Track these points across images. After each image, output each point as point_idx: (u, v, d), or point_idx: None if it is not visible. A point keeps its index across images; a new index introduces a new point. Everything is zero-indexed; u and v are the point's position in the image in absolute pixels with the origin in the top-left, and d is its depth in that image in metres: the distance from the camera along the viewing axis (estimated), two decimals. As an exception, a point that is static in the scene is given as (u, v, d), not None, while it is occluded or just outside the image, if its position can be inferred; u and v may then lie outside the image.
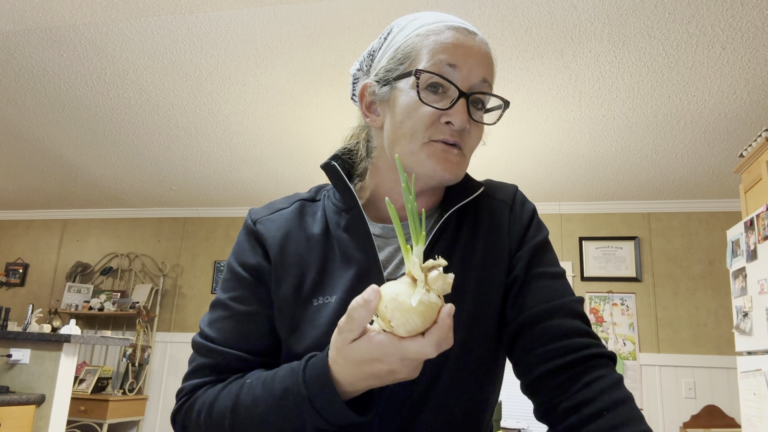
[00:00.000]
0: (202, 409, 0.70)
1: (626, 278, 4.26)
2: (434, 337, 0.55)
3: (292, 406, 0.63)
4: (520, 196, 0.84)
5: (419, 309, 0.54)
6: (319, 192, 0.86)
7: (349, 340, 0.58)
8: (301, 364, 0.65)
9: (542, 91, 2.83)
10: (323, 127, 3.35)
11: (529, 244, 0.78)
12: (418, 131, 0.72)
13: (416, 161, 0.73)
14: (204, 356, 0.75)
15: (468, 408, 0.75)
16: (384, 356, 0.57)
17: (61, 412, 2.67)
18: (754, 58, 2.47)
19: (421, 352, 0.55)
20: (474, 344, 0.74)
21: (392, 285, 0.57)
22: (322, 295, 0.74)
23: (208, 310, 0.79)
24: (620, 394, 0.65)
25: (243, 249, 0.80)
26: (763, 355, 2.45)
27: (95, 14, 2.38)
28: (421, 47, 0.73)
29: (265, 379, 0.68)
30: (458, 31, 0.74)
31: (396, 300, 0.55)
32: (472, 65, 0.73)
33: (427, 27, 0.74)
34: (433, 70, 0.71)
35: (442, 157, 0.72)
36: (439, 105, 0.72)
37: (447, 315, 0.55)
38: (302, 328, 0.73)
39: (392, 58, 0.76)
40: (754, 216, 2.55)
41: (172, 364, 4.78)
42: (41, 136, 3.71)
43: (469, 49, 0.73)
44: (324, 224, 0.80)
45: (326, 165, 0.80)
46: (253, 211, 0.83)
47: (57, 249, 5.36)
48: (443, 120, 0.72)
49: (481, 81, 0.74)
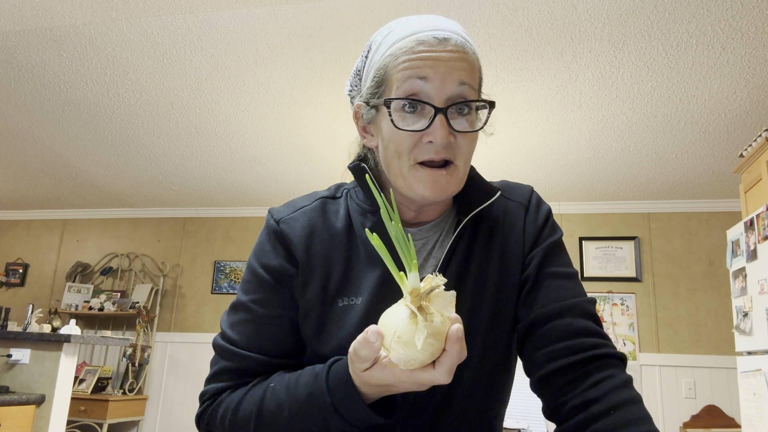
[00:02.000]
0: (226, 414, 0.71)
1: (626, 278, 4.26)
2: (445, 367, 0.55)
3: (317, 411, 0.64)
4: (536, 197, 0.84)
5: (425, 347, 0.54)
6: (339, 189, 0.85)
7: (361, 369, 0.59)
8: (324, 370, 0.66)
9: (542, 91, 2.83)
10: (323, 127, 3.35)
11: (542, 243, 0.79)
12: (403, 154, 0.72)
13: (406, 185, 0.73)
14: (226, 360, 0.75)
15: (486, 407, 0.77)
16: (398, 384, 0.58)
17: (61, 412, 2.66)
18: (754, 58, 2.47)
19: (434, 381, 0.56)
20: (493, 347, 0.75)
21: (393, 317, 0.56)
22: (347, 296, 0.74)
23: (229, 311, 0.79)
24: (628, 393, 0.65)
25: (265, 250, 0.79)
26: (763, 355, 2.44)
27: (95, 14, 2.38)
28: (393, 68, 0.72)
29: (288, 384, 0.68)
30: (427, 44, 0.71)
31: (399, 341, 0.54)
32: (444, 74, 0.70)
33: (397, 45, 0.72)
34: (405, 89, 0.70)
35: (430, 181, 0.71)
36: (417, 126, 0.70)
37: (455, 341, 0.55)
38: (328, 329, 0.74)
39: (372, 80, 0.75)
40: (754, 216, 2.55)
41: (172, 364, 4.78)
42: (41, 136, 3.71)
43: (437, 59, 0.70)
44: (347, 223, 0.79)
45: (355, 166, 0.79)
46: (275, 210, 0.82)
47: (57, 249, 5.35)
48: (425, 139, 0.71)
49: (458, 85, 0.71)
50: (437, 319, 0.54)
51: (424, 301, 0.55)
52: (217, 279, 4.91)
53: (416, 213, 0.80)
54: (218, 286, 4.90)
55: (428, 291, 0.55)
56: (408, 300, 0.55)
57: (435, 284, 0.55)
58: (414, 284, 0.55)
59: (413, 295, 0.54)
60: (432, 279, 0.55)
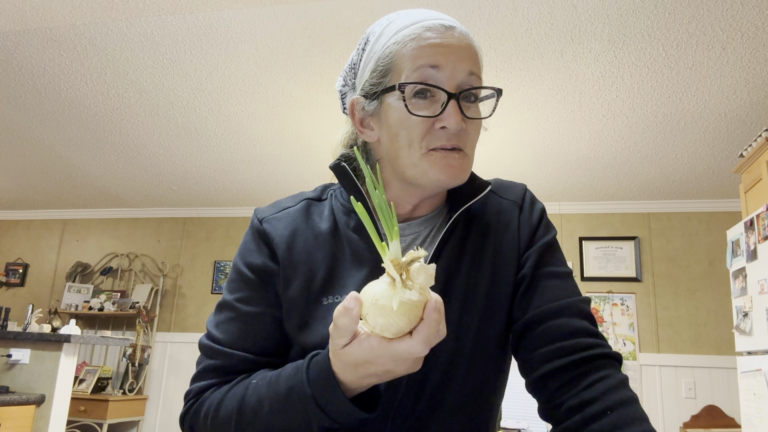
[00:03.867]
0: (209, 411, 0.71)
1: (626, 278, 4.26)
2: (422, 335, 0.54)
3: (297, 404, 0.63)
4: (530, 196, 0.83)
5: (401, 310, 0.53)
6: (325, 191, 0.85)
7: (340, 345, 0.59)
8: (304, 363, 0.65)
9: (542, 91, 2.83)
10: (323, 127, 3.35)
11: (537, 243, 0.79)
12: (414, 142, 0.71)
13: (419, 172, 0.72)
14: (211, 358, 0.75)
15: (478, 407, 0.76)
16: (375, 358, 0.57)
17: (61, 412, 2.67)
18: (754, 58, 2.47)
19: (410, 351, 0.55)
20: (485, 344, 0.74)
21: (373, 286, 0.56)
22: (332, 294, 0.74)
23: (214, 311, 0.79)
24: (625, 394, 0.65)
25: (249, 249, 0.80)
26: (763, 355, 2.45)
27: (95, 14, 2.38)
28: (401, 55, 0.71)
29: (270, 379, 0.68)
30: (435, 30, 0.71)
31: (376, 305, 0.54)
32: (455, 62, 0.70)
33: (403, 32, 0.72)
34: (417, 77, 0.70)
35: (445, 165, 0.71)
36: (430, 112, 0.70)
37: (433, 310, 0.54)
38: (312, 326, 0.73)
39: (374, 70, 0.74)
40: (754, 216, 2.55)
41: (172, 364, 4.78)
42: (41, 136, 3.71)
43: (448, 46, 0.71)
44: (332, 223, 0.79)
45: (336, 166, 0.79)
46: (259, 210, 0.83)
47: (57, 249, 5.36)
48: (438, 126, 0.71)
49: (467, 75, 0.71)
50: (417, 288, 0.54)
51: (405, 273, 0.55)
52: (217, 279, 4.91)
53: (413, 208, 0.79)
54: (218, 286, 4.90)
55: (409, 261, 0.55)
56: (388, 266, 0.55)
57: (416, 256, 0.55)
58: (395, 253, 0.55)
59: (394, 263, 0.54)
60: (414, 252, 0.55)
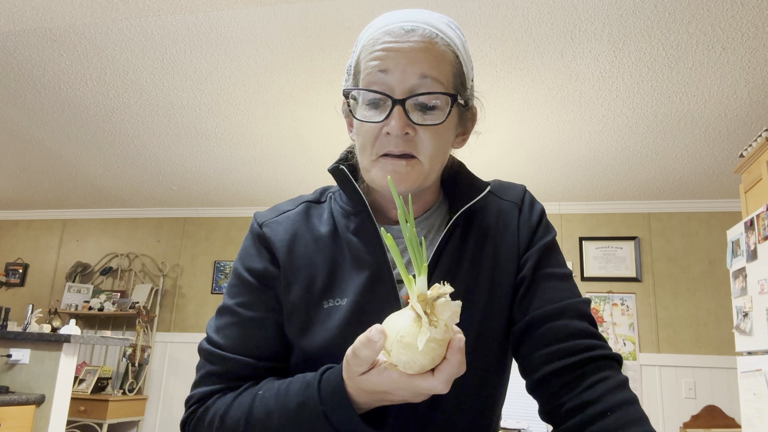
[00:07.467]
0: (214, 420, 0.70)
1: (626, 278, 4.26)
2: (444, 375, 0.55)
3: (307, 420, 0.63)
4: (529, 197, 0.83)
5: (426, 350, 0.53)
6: (323, 194, 0.86)
7: (358, 373, 0.58)
8: (315, 378, 0.65)
9: (542, 91, 2.83)
10: (323, 127, 3.35)
11: (537, 244, 0.78)
12: (366, 147, 0.73)
13: (370, 178, 0.74)
14: (212, 363, 0.74)
15: (479, 408, 0.76)
16: (394, 390, 0.57)
17: (61, 412, 2.66)
18: (754, 58, 2.47)
19: (431, 389, 0.55)
20: (485, 346, 0.74)
21: (397, 319, 0.56)
22: (332, 298, 0.74)
23: (215, 316, 0.79)
24: (625, 395, 0.65)
25: (249, 254, 0.79)
26: (763, 355, 2.44)
27: (95, 14, 2.38)
28: (363, 61, 0.72)
29: (278, 392, 0.67)
30: (393, 34, 0.70)
31: (401, 342, 0.54)
32: (405, 65, 0.69)
33: (369, 37, 0.73)
34: (366, 82, 0.71)
35: (390, 171, 0.71)
36: (378, 118, 0.71)
37: (457, 351, 0.55)
38: (313, 330, 0.73)
39: (348, 74, 0.77)
40: (754, 216, 2.55)
41: (172, 364, 4.78)
42: (41, 136, 3.71)
43: (399, 50, 0.69)
44: (331, 226, 0.79)
45: (334, 168, 0.79)
46: (259, 214, 0.82)
47: (57, 249, 5.35)
48: (385, 131, 0.71)
49: (419, 78, 0.69)
50: (441, 325, 0.54)
51: (429, 308, 0.55)
52: (217, 279, 4.91)
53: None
54: (218, 286, 4.90)
55: (435, 297, 0.55)
56: (414, 303, 0.55)
57: (442, 292, 0.55)
58: (422, 288, 0.55)
59: (420, 299, 0.54)
60: (440, 287, 0.55)
